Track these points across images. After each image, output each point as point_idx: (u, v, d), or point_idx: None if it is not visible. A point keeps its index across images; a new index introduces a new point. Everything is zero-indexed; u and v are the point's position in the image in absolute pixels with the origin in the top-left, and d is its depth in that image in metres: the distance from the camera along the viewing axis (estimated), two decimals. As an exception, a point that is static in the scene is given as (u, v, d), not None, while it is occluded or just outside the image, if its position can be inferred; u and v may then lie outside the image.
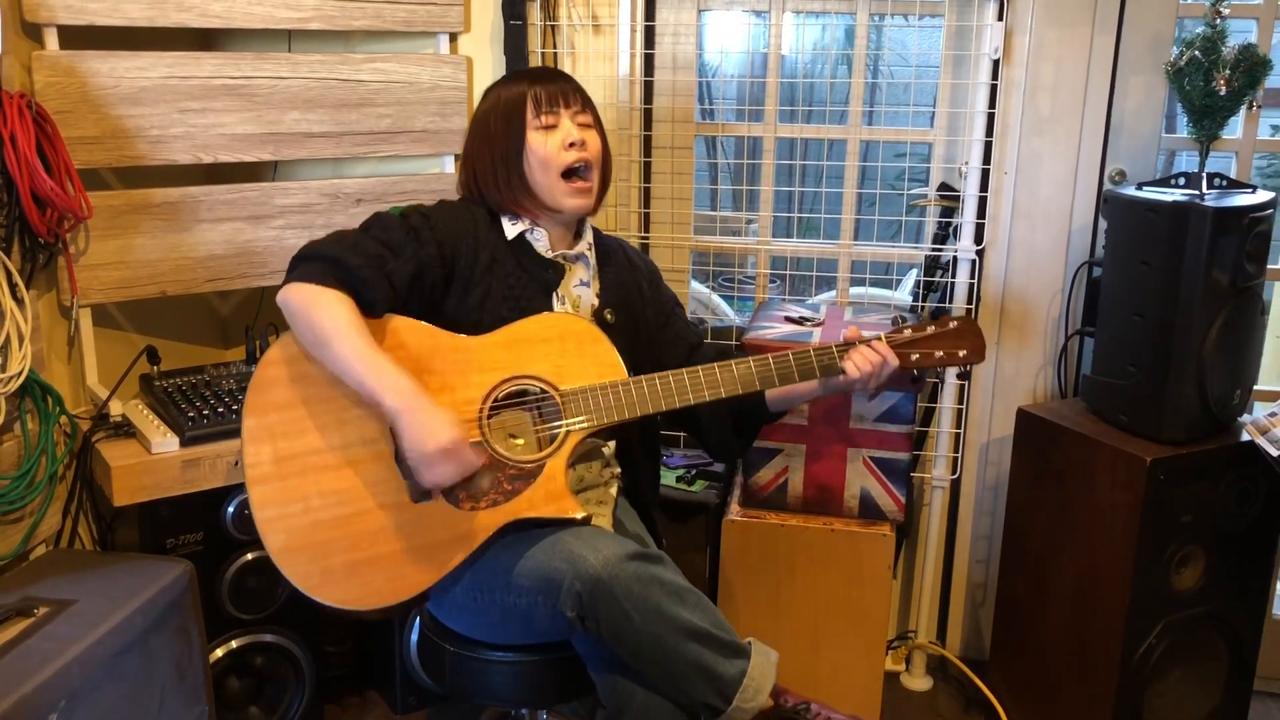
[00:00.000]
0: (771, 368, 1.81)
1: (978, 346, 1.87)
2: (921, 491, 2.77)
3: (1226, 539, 2.31)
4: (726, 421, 1.98)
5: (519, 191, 1.86)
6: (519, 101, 1.86)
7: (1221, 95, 2.21)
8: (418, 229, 1.79)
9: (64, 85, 2.15)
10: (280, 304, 1.72)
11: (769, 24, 2.73)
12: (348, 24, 2.46)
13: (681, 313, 2.07)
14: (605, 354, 1.79)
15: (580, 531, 1.70)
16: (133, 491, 2.06)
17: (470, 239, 1.84)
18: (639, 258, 2.07)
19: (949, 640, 2.89)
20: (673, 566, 1.69)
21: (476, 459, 1.66)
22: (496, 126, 1.87)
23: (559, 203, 1.86)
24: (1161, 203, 2.19)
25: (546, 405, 1.77)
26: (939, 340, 1.86)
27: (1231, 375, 2.26)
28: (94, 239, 2.23)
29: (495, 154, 1.86)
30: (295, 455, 1.70)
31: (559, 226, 1.92)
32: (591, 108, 1.91)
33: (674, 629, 1.60)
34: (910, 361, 1.86)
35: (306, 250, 1.75)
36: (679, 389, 1.78)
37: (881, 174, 2.66)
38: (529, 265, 1.88)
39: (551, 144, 1.84)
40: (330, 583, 1.67)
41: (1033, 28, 2.51)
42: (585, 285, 1.94)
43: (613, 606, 1.59)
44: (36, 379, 2.05)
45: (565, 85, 1.89)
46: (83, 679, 1.72)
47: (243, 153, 2.38)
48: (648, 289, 2.03)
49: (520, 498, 1.71)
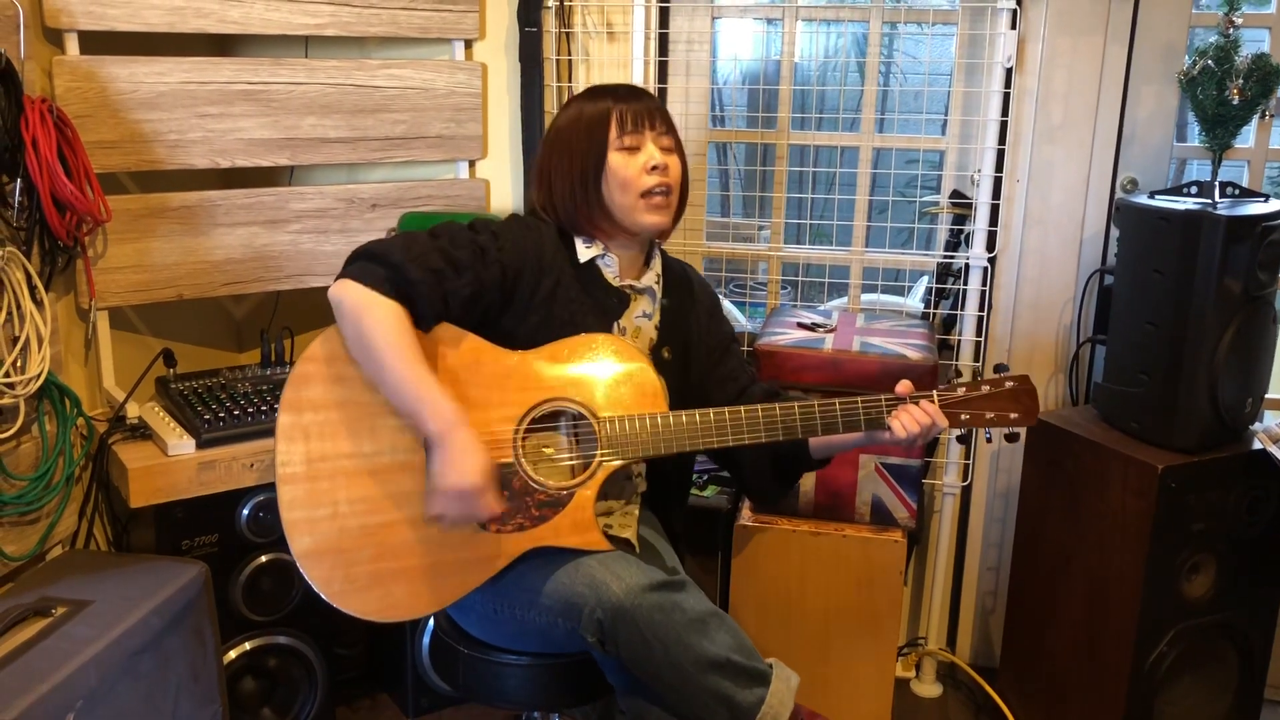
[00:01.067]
0: (816, 415, 1.77)
1: (1030, 409, 1.82)
2: (932, 498, 2.77)
3: (1238, 547, 2.31)
4: (766, 465, 1.95)
5: (596, 211, 1.82)
6: (603, 119, 1.81)
7: (1234, 104, 2.22)
8: (485, 249, 1.74)
9: (84, 90, 2.17)
10: (333, 299, 1.67)
11: (782, 31, 2.74)
12: (364, 30, 2.48)
13: (737, 350, 2.03)
14: (648, 382, 1.76)
15: (605, 557, 1.68)
16: (149, 493, 2.08)
17: (535, 262, 1.79)
18: (701, 287, 2.03)
19: (959, 647, 2.89)
20: (696, 592, 1.67)
21: (489, 511, 1.64)
22: (578, 143, 1.82)
23: (637, 222, 1.81)
24: (1174, 211, 2.19)
25: (583, 429, 1.75)
26: (991, 401, 1.82)
27: (1243, 384, 2.26)
28: (112, 242, 2.25)
29: (575, 171, 1.81)
30: (327, 457, 1.68)
31: (631, 251, 1.88)
32: (674, 130, 1.86)
33: (693, 660, 1.59)
34: (959, 421, 1.81)
35: (371, 248, 1.70)
36: (719, 428, 1.75)
37: (893, 181, 2.67)
38: (595, 292, 1.84)
39: (633, 166, 1.79)
40: (352, 591, 1.66)
41: (1045, 36, 2.52)
42: (647, 317, 1.91)
43: (634, 635, 1.58)
44: (55, 381, 2.06)
45: (650, 104, 1.84)
46: (99, 679, 1.73)
47: (260, 157, 2.40)
48: (706, 321, 1.98)
49: (547, 525, 1.70)
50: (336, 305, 1.68)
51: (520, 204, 2.72)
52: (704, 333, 1.98)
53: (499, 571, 1.70)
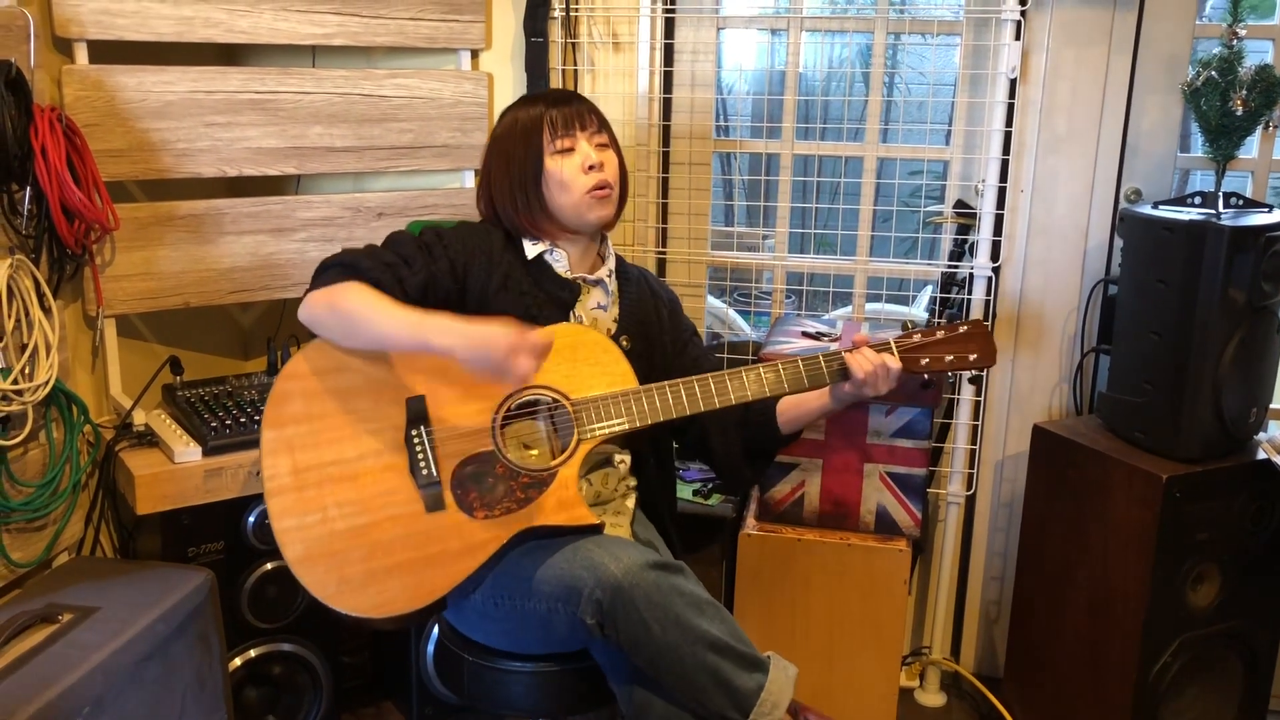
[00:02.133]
0: (781, 374, 1.84)
1: (988, 349, 1.89)
2: (936, 507, 2.77)
3: (1242, 557, 2.31)
4: (737, 445, 1.99)
5: (539, 214, 1.88)
6: (536, 125, 1.87)
7: (1238, 115, 2.23)
8: (430, 245, 1.84)
9: (93, 99, 2.18)
10: (304, 314, 1.76)
11: (786, 42, 2.75)
12: (371, 40, 2.49)
13: (699, 341, 2.08)
14: (616, 363, 1.81)
15: (602, 540, 1.72)
16: (155, 500, 2.08)
17: (484, 258, 1.86)
18: (661, 287, 2.09)
19: (963, 656, 2.89)
20: (693, 577, 1.70)
21: (545, 338, 1.66)
22: (514, 150, 1.88)
23: (582, 218, 1.87)
24: (1178, 221, 2.20)
25: (559, 414, 1.79)
26: (948, 344, 1.88)
27: (1247, 393, 2.26)
28: (119, 250, 2.26)
29: (514, 178, 1.88)
30: (312, 467, 1.73)
31: (579, 246, 1.94)
32: (607, 127, 1.93)
33: (692, 639, 1.61)
34: (920, 366, 1.87)
35: (322, 263, 1.80)
36: (689, 396, 1.80)
37: (897, 191, 2.67)
38: (546, 285, 1.90)
39: (570, 167, 1.86)
40: (347, 591, 1.69)
41: (1049, 47, 2.53)
42: (603, 309, 1.95)
43: (632, 615, 1.61)
44: (62, 388, 2.07)
45: (580, 106, 1.90)
46: (106, 685, 1.74)
47: (267, 166, 2.41)
48: (667, 317, 2.04)
49: (532, 505, 1.73)
50: (309, 314, 1.76)
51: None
52: (665, 328, 2.02)
53: (496, 561, 1.73)
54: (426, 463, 1.73)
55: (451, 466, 1.74)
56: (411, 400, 1.76)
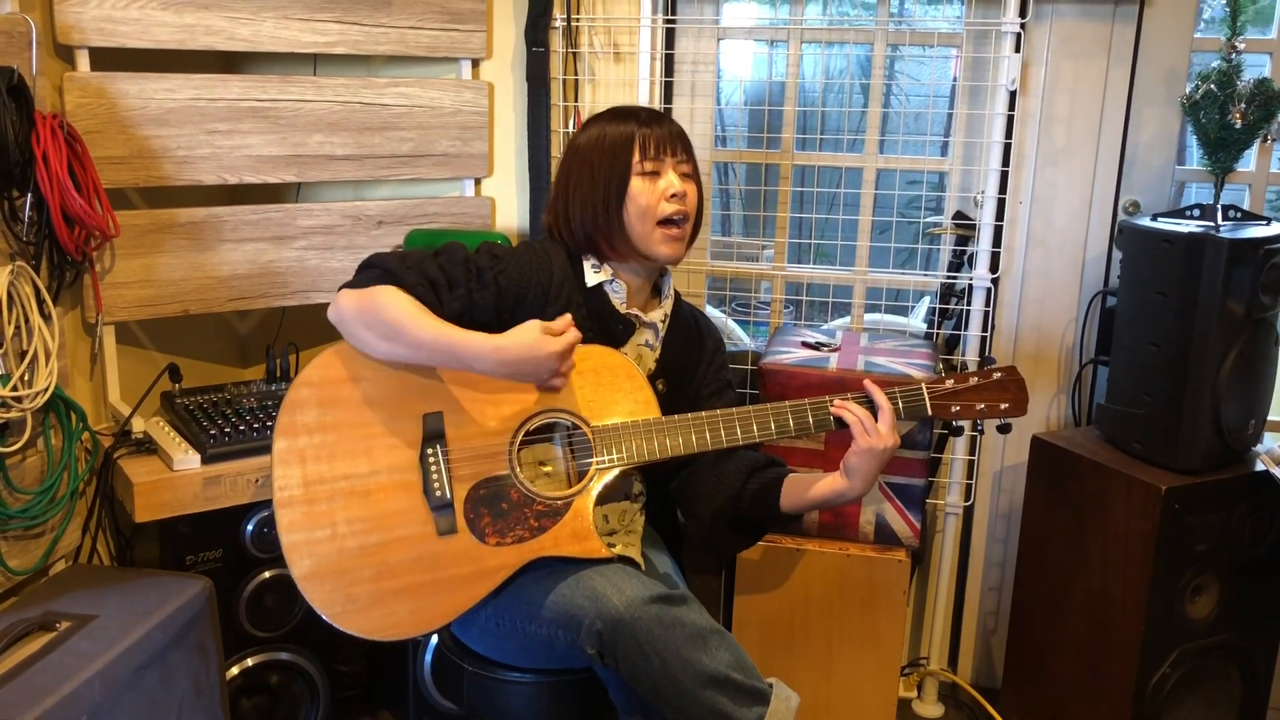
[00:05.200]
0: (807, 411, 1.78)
1: (1020, 399, 1.83)
2: (935, 518, 2.77)
3: (1241, 568, 2.31)
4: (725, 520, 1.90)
5: (615, 233, 1.83)
6: (626, 142, 1.81)
7: (1236, 128, 2.24)
8: (482, 270, 1.76)
9: (94, 106, 2.18)
10: (334, 313, 1.71)
11: (786, 53, 2.76)
12: (372, 49, 2.50)
13: (732, 395, 2.01)
14: (639, 390, 1.78)
15: (606, 569, 1.68)
16: (154, 508, 2.07)
17: (539, 290, 1.80)
18: (710, 334, 2.03)
19: (961, 667, 2.89)
20: (698, 607, 1.66)
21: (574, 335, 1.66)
22: (600, 164, 1.82)
23: (652, 250, 1.82)
24: (1177, 233, 2.21)
25: (577, 439, 1.76)
26: (982, 392, 1.83)
27: (1246, 405, 2.27)
28: (119, 257, 2.26)
29: (596, 192, 1.82)
30: (324, 480, 1.70)
31: (639, 279, 1.89)
32: (693, 158, 1.88)
33: (692, 675, 1.58)
34: (950, 414, 1.83)
35: (369, 259, 1.74)
36: (712, 430, 1.76)
37: (896, 202, 2.68)
38: (602, 317, 1.85)
39: (653, 193, 1.81)
40: (353, 612, 1.67)
41: (1049, 60, 2.54)
42: (649, 347, 1.92)
43: (632, 648, 1.58)
44: (61, 395, 2.07)
45: (673, 130, 1.85)
46: (104, 693, 1.73)
47: (267, 174, 2.41)
48: (705, 366, 1.98)
49: (546, 535, 1.70)
50: (340, 312, 1.70)
51: (525, 222, 2.73)
52: (701, 374, 1.98)
53: (502, 585, 1.71)
54: (440, 484, 1.70)
55: (466, 489, 1.71)
56: (429, 415, 1.73)
